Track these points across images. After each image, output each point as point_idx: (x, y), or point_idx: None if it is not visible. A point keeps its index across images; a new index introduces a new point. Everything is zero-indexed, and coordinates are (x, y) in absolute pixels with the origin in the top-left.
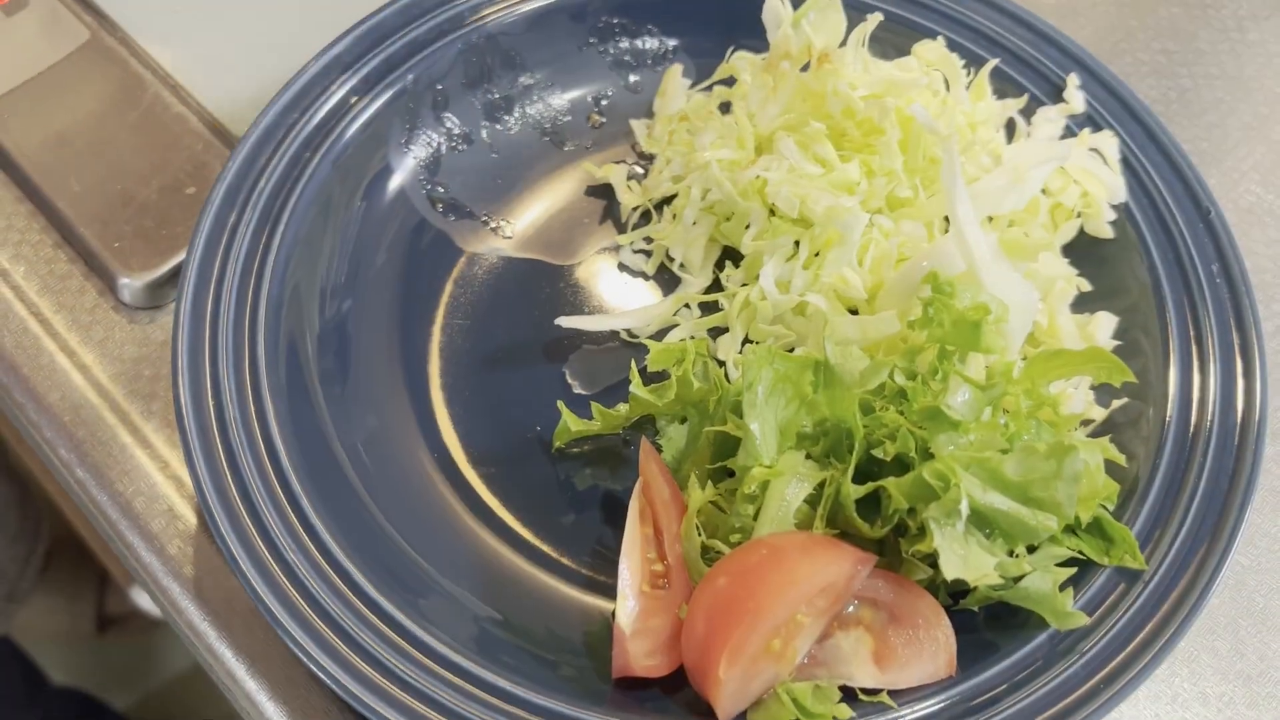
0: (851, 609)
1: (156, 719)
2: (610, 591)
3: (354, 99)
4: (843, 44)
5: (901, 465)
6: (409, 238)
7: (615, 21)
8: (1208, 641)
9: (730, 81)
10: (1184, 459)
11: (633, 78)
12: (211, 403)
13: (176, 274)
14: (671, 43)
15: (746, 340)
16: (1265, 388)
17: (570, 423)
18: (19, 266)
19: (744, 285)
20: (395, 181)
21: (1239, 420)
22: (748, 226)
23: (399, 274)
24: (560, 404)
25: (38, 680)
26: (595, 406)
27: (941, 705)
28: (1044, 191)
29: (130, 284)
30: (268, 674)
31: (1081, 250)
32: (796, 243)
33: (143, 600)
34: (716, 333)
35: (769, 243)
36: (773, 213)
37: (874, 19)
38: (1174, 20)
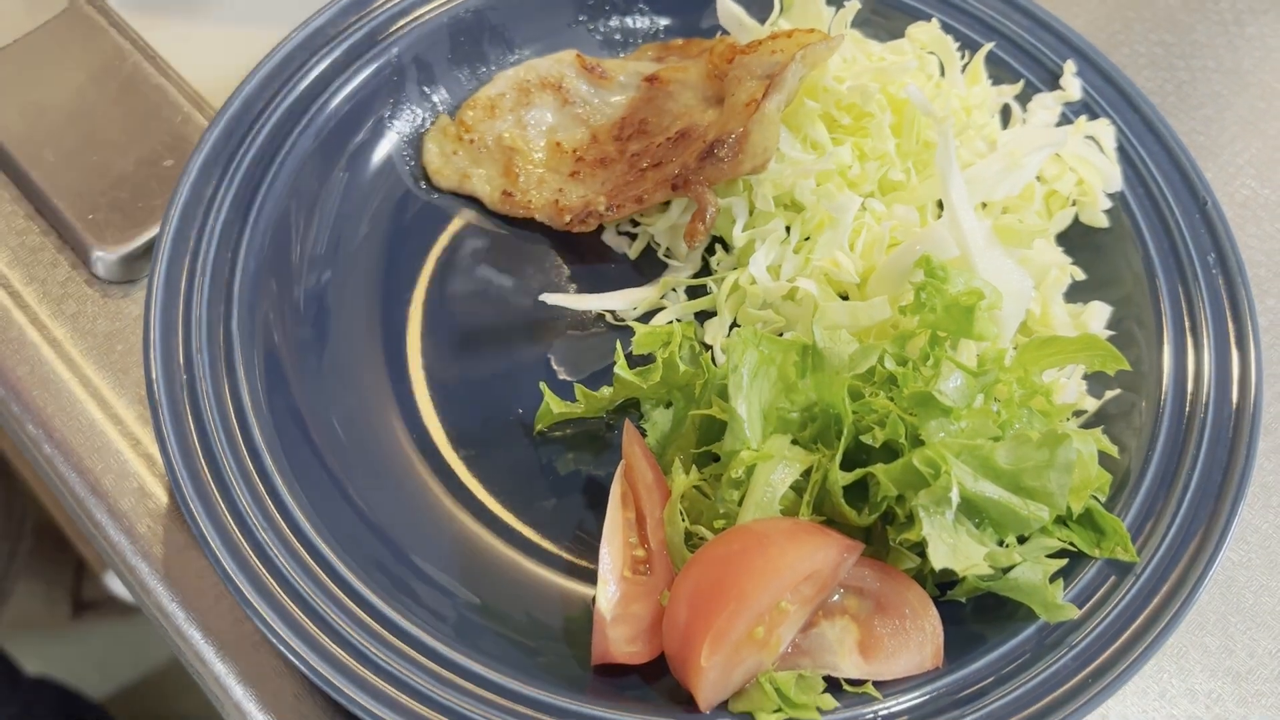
0: (837, 598)
1: (133, 711)
2: (591, 577)
3: (336, 71)
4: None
5: (890, 452)
6: (393, 211)
7: None
8: (1197, 638)
9: None
10: (1177, 451)
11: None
12: (184, 378)
13: (152, 248)
14: (662, 21)
15: (734, 325)
16: (1260, 380)
17: (553, 405)
18: None
19: (734, 269)
20: (379, 154)
21: (1233, 412)
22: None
23: (381, 247)
24: (542, 385)
25: (11, 672)
26: (579, 388)
27: (927, 697)
28: (1039, 178)
29: (104, 257)
30: (238, 658)
31: (1076, 239)
32: (788, 228)
33: (118, 586)
34: (704, 317)
35: (760, 230)
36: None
37: (852, 7)
38: (1171, 12)
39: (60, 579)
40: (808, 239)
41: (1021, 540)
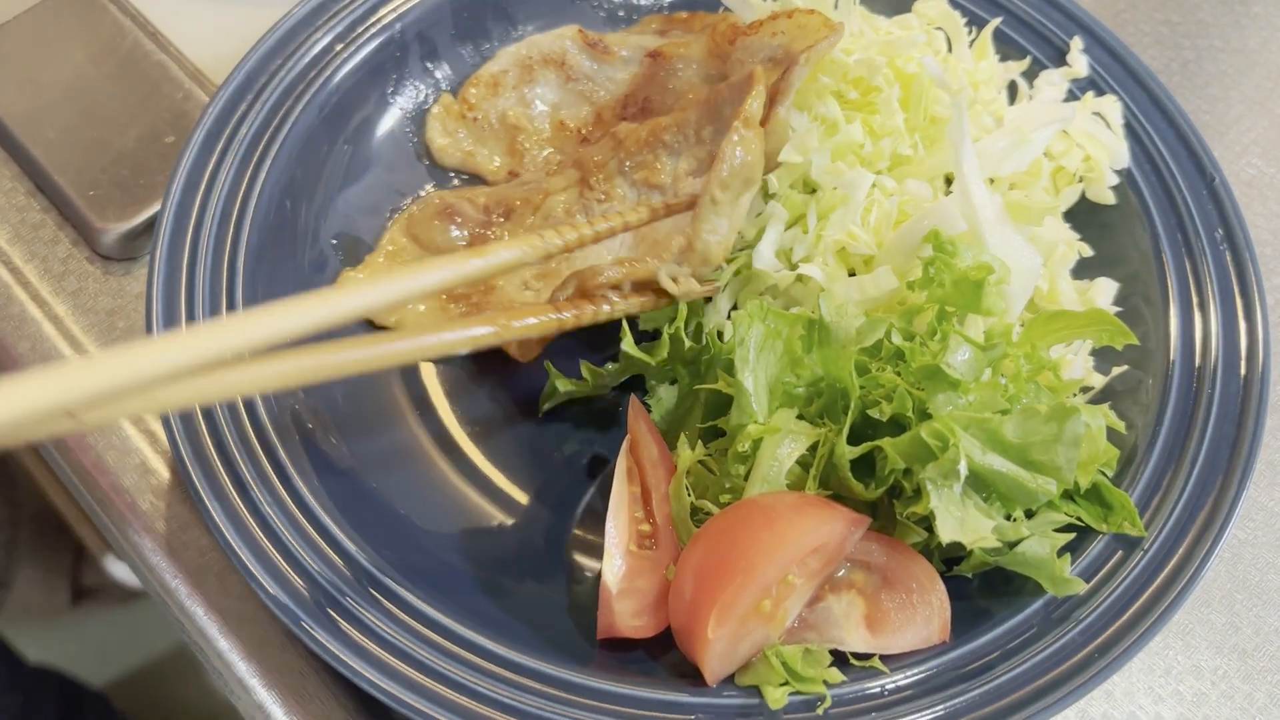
0: (843, 572)
1: (134, 698)
2: (597, 551)
3: (339, 46)
4: (835, 6)
5: (897, 427)
6: (396, 188)
7: None
8: (1203, 614)
9: None
10: (1185, 426)
11: None
12: None
13: (153, 224)
14: None
15: (734, 309)
16: (1268, 356)
17: (559, 384)
18: None
19: (744, 249)
20: (383, 130)
21: (1241, 386)
22: None
23: (384, 223)
24: (548, 364)
25: (14, 661)
26: (584, 365)
27: (933, 671)
28: (1046, 155)
29: (105, 234)
30: (241, 633)
31: (1083, 215)
32: (802, 215)
33: (118, 570)
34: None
35: (763, 216)
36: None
37: None
38: None
39: (59, 565)
40: (821, 219)
41: (1029, 515)
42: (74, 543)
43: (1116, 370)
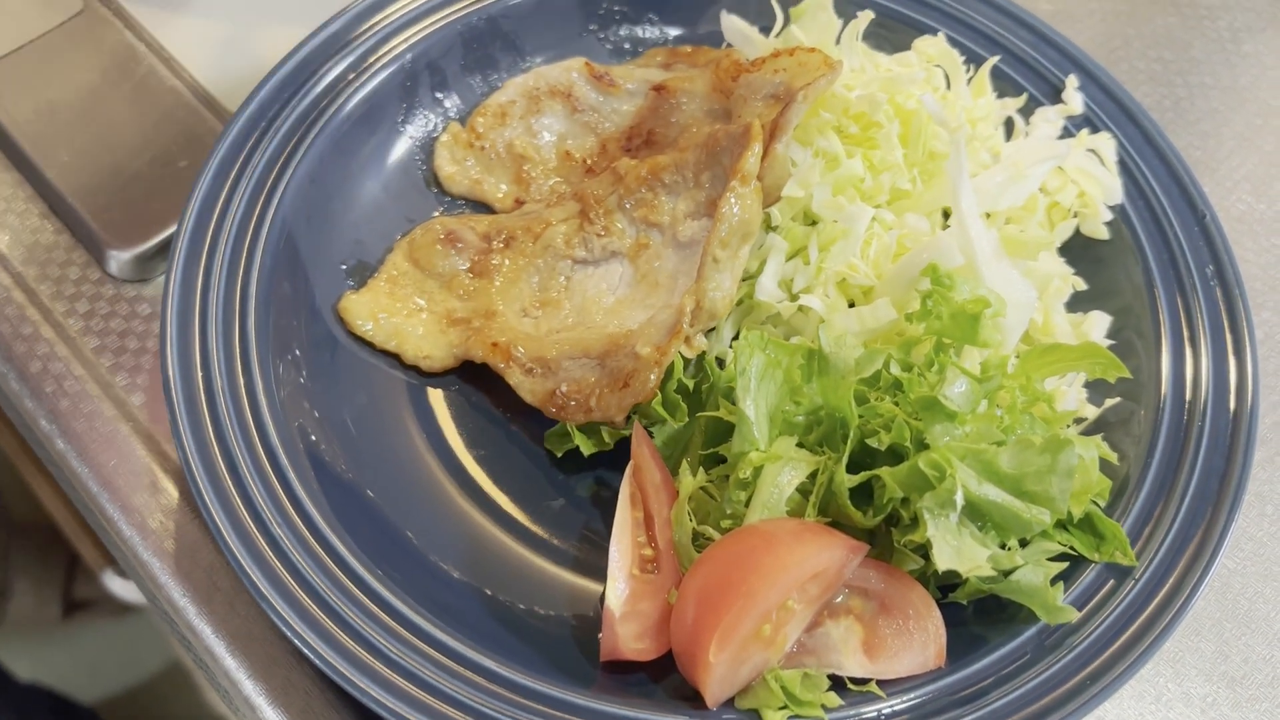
0: (841, 598)
1: (126, 715)
2: (600, 575)
3: (351, 75)
4: (836, 42)
5: (895, 456)
6: (405, 214)
7: (617, 8)
8: (1193, 643)
9: None
10: (1175, 458)
11: None
12: (200, 374)
13: (165, 247)
14: (672, 32)
15: (735, 337)
16: (1257, 390)
17: (583, 448)
18: (4, 235)
19: (746, 279)
20: (393, 158)
21: (1230, 419)
22: None
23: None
24: (571, 427)
25: (4, 678)
26: (605, 430)
27: (929, 696)
28: (1041, 190)
29: (118, 256)
30: (249, 652)
31: (1077, 250)
32: (803, 247)
33: (112, 584)
34: None
35: (763, 248)
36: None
37: (865, 16)
38: (1170, 30)
39: (50, 578)
40: (822, 251)
41: (1023, 544)
42: (68, 556)
43: (1109, 402)
